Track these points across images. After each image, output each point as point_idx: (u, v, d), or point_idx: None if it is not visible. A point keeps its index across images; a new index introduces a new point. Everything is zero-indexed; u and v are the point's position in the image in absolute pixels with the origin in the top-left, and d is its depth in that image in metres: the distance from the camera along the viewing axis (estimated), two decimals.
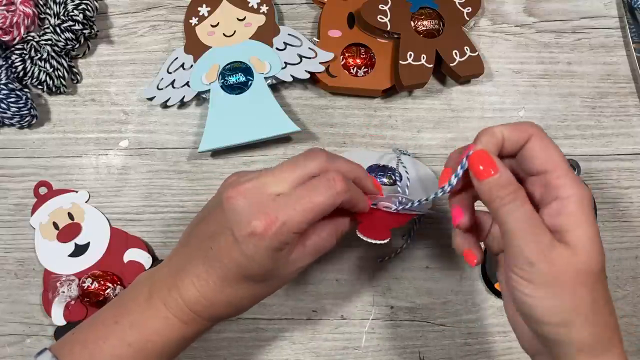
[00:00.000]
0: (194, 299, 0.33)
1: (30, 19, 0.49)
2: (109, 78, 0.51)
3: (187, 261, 0.34)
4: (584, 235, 0.30)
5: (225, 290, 0.33)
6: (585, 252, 0.30)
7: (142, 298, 0.35)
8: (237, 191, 0.32)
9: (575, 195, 0.31)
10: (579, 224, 0.30)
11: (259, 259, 0.32)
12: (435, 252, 0.48)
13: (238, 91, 0.48)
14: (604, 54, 0.53)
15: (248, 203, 0.32)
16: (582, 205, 0.31)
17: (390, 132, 0.51)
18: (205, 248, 0.33)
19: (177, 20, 0.53)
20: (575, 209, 0.31)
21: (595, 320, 0.30)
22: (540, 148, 0.32)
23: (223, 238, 0.32)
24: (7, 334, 0.47)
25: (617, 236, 0.49)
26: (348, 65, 0.50)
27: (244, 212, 0.31)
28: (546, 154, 0.32)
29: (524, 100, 0.52)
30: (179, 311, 0.34)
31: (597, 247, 0.30)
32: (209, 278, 0.33)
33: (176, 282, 0.34)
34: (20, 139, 0.50)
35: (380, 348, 0.47)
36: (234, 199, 0.32)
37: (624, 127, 0.51)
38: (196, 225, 0.36)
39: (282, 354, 0.47)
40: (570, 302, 0.30)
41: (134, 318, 0.34)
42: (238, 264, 0.32)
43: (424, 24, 0.50)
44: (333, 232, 0.36)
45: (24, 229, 0.48)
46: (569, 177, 0.31)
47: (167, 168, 0.50)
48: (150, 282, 0.35)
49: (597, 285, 0.30)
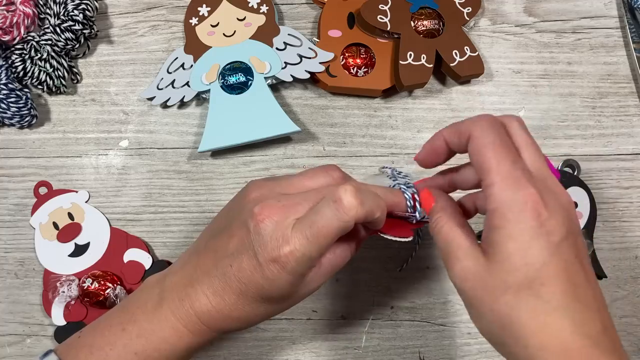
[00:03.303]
0: (207, 311, 0.33)
1: (30, 19, 0.49)
2: (109, 78, 0.51)
3: (203, 273, 0.33)
4: (505, 249, 0.29)
5: (240, 307, 0.33)
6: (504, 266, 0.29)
7: (151, 305, 0.34)
8: (265, 213, 0.31)
9: (500, 207, 0.29)
10: (501, 237, 0.29)
11: (279, 284, 0.32)
12: (435, 252, 0.48)
13: (238, 91, 0.48)
14: (604, 54, 0.53)
15: (273, 227, 0.31)
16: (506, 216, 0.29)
17: (390, 132, 0.51)
18: (224, 264, 0.33)
19: (177, 20, 0.53)
20: (498, 222, 0.29)
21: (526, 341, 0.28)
22: (473, 152, 0.31)
23: (245, 259, 0.32)
24: (7, 334, 0.47)
25: (617, 236, 0.49)
26: (348, 65, 0.50)
27: (268, 237, 0.31)
28: (477, 158, 0.31)
29: (524, 100, 0.52)
30: (189, 322, 0.33)
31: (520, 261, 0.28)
32: (224, 294, 0.33)
33: (189, 293, 0.33)
34: (20, 139, 0.50)
35: (380, 348, 0.47)
36: (262, 222, 0.31)
37: (624, 127, 0.51)
38: (214, 236, 0.35)
39: (282, 354, 0.47)
40: (495, 320, 0.29)
41: (142, 326, 0.34)
42: (258, 286, 0.32)
43: (424, 24, 0.50)
44: (347, 247, 0.35)
45: (24, 229, 0.48)
46: (495, 187, 0.29)
47: (167, 168, 0.50)
48: (159, 288, 0.35)
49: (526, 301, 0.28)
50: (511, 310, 0.29)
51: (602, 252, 0.48)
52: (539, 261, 0.28)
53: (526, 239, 0.28)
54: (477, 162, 0.31)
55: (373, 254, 0.48)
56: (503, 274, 0.29)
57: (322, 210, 0.31)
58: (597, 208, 0.48)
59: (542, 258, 0.28)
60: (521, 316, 0.28)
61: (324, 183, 0.34)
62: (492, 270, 0.29)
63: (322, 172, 0.35)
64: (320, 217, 0.31)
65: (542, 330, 0.28)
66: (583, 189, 0.48)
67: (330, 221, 0.31)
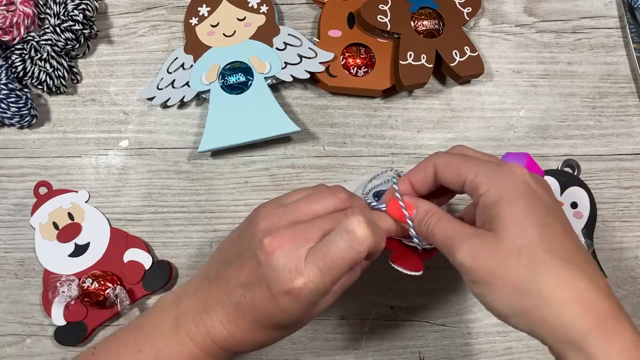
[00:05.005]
0: (222, 337, 0.33)
1: (30, 19, 0.49)
2: (109, 78, 0.51)
3: (217, 302, 0.34)
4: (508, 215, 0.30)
5: (254, 333, 0.33)
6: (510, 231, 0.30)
7: (168, 329, 0.34)
8: (275, 244, 0.31)
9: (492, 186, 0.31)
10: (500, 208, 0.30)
11: (293, 313, 0.32)
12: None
13: (238, 91, 0.48)
14: (604, 54, 0.53)
15: (285, 260, 0.31)
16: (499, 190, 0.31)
17: (390, 132, 0.51)
18: (237, 295, 0.33)
19: (177, 20, 0.53)
20: (493, 197, 0.31)
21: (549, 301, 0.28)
22: (446, 171, 0.34)
23: (258, 290, 0.32)
24: (7, 334, 0.47)
25: (617, 236, 0.49)
26: (348, 65, 0.50)
27: (281, 269, 0.31)
28: (452, 171, 0.33)
29: (524, 100, 0.52)
30: (205, 346, 0.34)
31: (526, 222, 0.30)
32: (238, 323, 0.33)
33: (204, 320, 0.34)
34: (20, 139, 0.50)
35: (380, 348, 0.47)
36: (272, 254, 0.31)
37: (624, 127, 0.51)
38: (225, 265, 0.35)
39: (282, 354, 0.47)
40: (512, 289, 0.29)
41: (159, 349, 0.34)
42: (272, 315, 0.32)
43: (424, 24, 0.50)
44: (353, 272, 0.35)
45: (24, 229, 0.48)
46: (480, 174, 0.32)
47: (167, 168, 0.50)
48: (175, 311, 0.35)
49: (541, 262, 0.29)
50: (529, 271, 0.29)
51: (602, 252, 0.48)
52: (544, 222, 0.30)
53: (527, 203, 0.30)
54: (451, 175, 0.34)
55: None
56: (513, 240, 0.29)
57: (335, 242, 0.31)
58: (597, 208, 0.48)
59: (545, 219, 0.30)
60: (542, 275, 0.29)
61: (331, 206, 0.34)
62: (501, 239, 0.30)
63: (328, 195, 0.35)
64: (334, 249, 0.31)
65: (561, 284, 0.28)
66: (583, 189, 0.48)
67: (343, 252, 0.31)
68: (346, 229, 0.31)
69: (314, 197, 0.34)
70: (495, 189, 0.31)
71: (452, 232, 0.32)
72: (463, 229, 0.32)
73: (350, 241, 0.31)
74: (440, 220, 0.33)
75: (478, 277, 0.30)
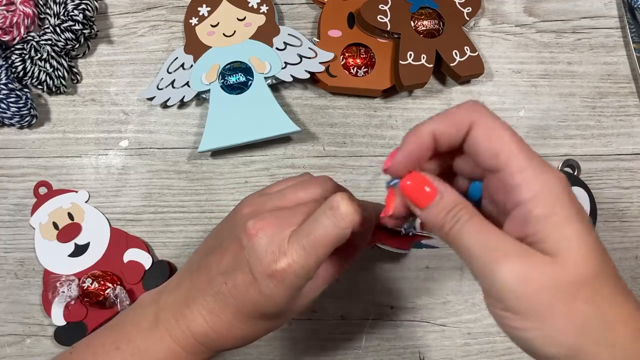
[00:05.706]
0: (203, 331, 0.32)
1: (30, 19, 0.49)
2: (109, 78, 0.51)
3: (198, 293, 0.33)
4: (564, 237, 0.24)
5: (237, 325, 0.32)
6: (571, 257, 0.24)
7: (146, 324, 0.34)
8: (258, 227, 0.31)
9: (541, 193, 0.25)
10: (554, 226, 0.24)
11: (277, 299, 0.31)
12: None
13: (238, 91, 0.48)
14: (604, 54, 0.53)
15: (268, 241, 0.30)
16: (552, 201, 0.25)
17: (390, 132, 0.51)
18: (218, 282, 0.32)
19: (177, 20, 0.53)
20: (544, 210, 0.25)
21: (613, 338, 0.24)
22: (483, 139, 0.26)
23: (240, 275, 0.31)
24: (7, 334, 0.47)
25: (617, 236, 0.49)
26: (348, 65, 0.50)
27: (263, 251, 0.30)
28: (491, 145, 0.26)
29: (524, 100, 0.52)
30: (185, 342, 0.33)
31: (586, 248, 0.24)
32: (221, 314, 0.32)
33: (184, 313, 0.33)
34: (20, 139, 0.50)
35: (380, 348, 0.47)
36: (255, 236, 0.30)
37: (624, 127, 0.51)
38: (207, 254, 0.34)
39: (282, 354, 0.47)
40: (570, 325, 0.24)
41: (137, 345, 0.33)
42: (255, 302, 0.31)
43: (424, 24, 0.50)
44: (341, 259, 0.34)
45: (24, 229, 0.48)
46: (526, 171, 0.25)
47: (167, 168, 0.50)
48: (155, 307, 0.34)
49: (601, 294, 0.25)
50: (595, 306, 0.24)
51: None
52: (596, 247, 0.25)
53: (579, 226, 0.25)
54: (488, 148, 0.26)
55: (373, 254, 0.48)
56: (575, 268, 0.24)
57: (319, 219, 0.30)
58: (597, 208, 0.48)
59: (595, 243, 0.25)
60: (606, 310, 0.24)
61: (317, 194, 0.33)
62: (561, 266, 0.24)
63: (315, 183, 0.34)
64: (317, 226, 0.30)
65: (624, 319, 0.25)
66: (583, 189, 0.48)
67: (327, 229, 0.29)
68: (330, 206, 0.30)
69: (300, 186, 0.34)
70: (546, 200, 0.25)
71: (493, 241, 0.25)
72: (507, 240, 0.25)
73: (334, 217, 0.29)
74: (473, 221, 0.26)
75: (527, 308, 0.24)
